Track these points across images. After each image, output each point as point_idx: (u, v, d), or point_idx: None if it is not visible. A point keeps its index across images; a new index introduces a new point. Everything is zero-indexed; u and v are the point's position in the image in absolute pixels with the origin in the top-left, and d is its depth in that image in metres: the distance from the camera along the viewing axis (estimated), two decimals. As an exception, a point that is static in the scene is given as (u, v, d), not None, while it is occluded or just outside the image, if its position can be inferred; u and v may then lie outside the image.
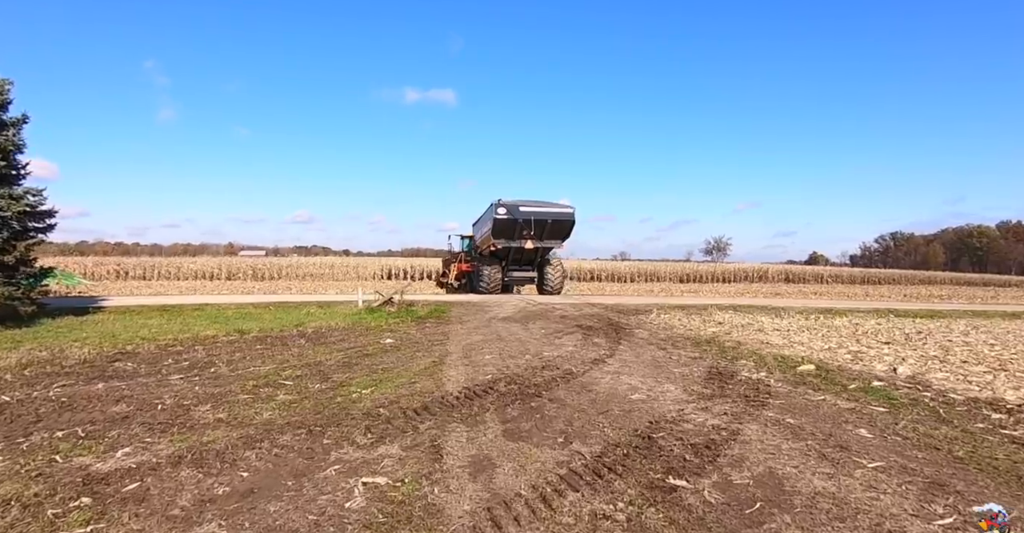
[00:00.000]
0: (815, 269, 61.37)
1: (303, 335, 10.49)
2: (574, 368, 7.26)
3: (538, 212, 18.77)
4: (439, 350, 8.66)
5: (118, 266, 37.89)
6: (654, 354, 8.54)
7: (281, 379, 6.68)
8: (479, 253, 22.10)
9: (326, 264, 44.00)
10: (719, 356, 8.53)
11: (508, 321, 13.08)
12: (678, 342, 9.94)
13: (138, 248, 78.72)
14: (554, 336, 10.50)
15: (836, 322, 14.09)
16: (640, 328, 12.07)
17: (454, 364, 7.52)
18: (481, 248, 21.28)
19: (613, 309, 16.93)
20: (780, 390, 6.35)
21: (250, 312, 14.30)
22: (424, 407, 5.33)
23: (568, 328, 11.85)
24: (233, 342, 9.70)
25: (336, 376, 6.77)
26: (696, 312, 16.22)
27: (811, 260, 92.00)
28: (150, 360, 8.12)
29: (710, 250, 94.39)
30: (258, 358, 8.10)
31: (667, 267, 53.04)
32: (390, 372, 6.97)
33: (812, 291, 34.89)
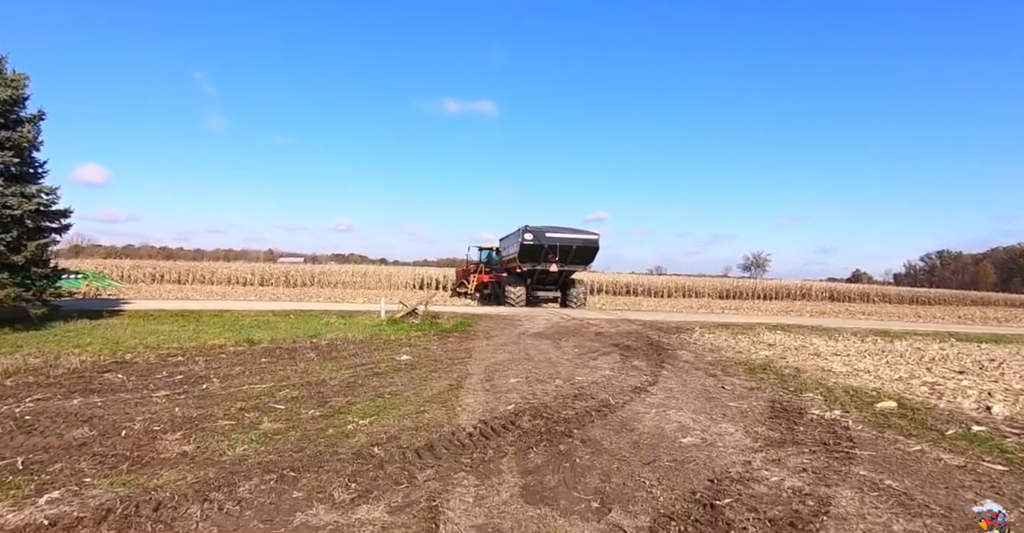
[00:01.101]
0: (860, 287, 58.30)
1: (315, 347, 9.70)
2: (612, 398, 6.20)
3: (563, 238, 19.43)
4: (459, 370, 7.71)
5: (154, 270, 38.31)
6: (703, 382, 7.41)
7: (274, 401, 5.83)
8: (505, 270, 22.49)
9: (358, 272, 43.67)
10: (779, 386, 7.35)
11: (539, 338, 12.07)
12: (729, 367, 8.77)
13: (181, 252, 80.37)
14: (588, 357, 9.45)
15: (896, 346, 12.64)
16: (683, 349, 10.91)
17: (473, 389, 6.56)
18: (507, 266, 21.76)
19: (652, 326, 15.75)
20: (864, 436, 5.18)
21: (268, 320, 13.65)
22: (428, 447, 4.37)
23: (604, 347, 10.78)
24: (239, 354, 8.97)
25: (336, 400, 5.89)
26: (742, 332, 14.92)
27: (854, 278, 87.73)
28: (143, 372, 7.42)
29: (749, 266, 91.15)
30: (258, 373, 7.30)
31: (706, 282, 51.12)
32: (398, 397, 6.04)
33: (859, 310, 32.67)
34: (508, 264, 21.40)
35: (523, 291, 20.27)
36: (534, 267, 19.85)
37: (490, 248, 25.48)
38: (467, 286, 25.79)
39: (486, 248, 25.62)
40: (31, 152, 11.55)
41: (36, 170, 11.85)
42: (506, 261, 21.93)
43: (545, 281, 20.87)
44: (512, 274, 20.90)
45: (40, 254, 11.34)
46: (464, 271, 27.32)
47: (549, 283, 21.07)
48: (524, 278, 20.60)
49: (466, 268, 27.27)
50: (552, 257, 19.57)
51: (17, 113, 11.26)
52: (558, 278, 20.81)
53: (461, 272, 28.50)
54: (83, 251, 65.29)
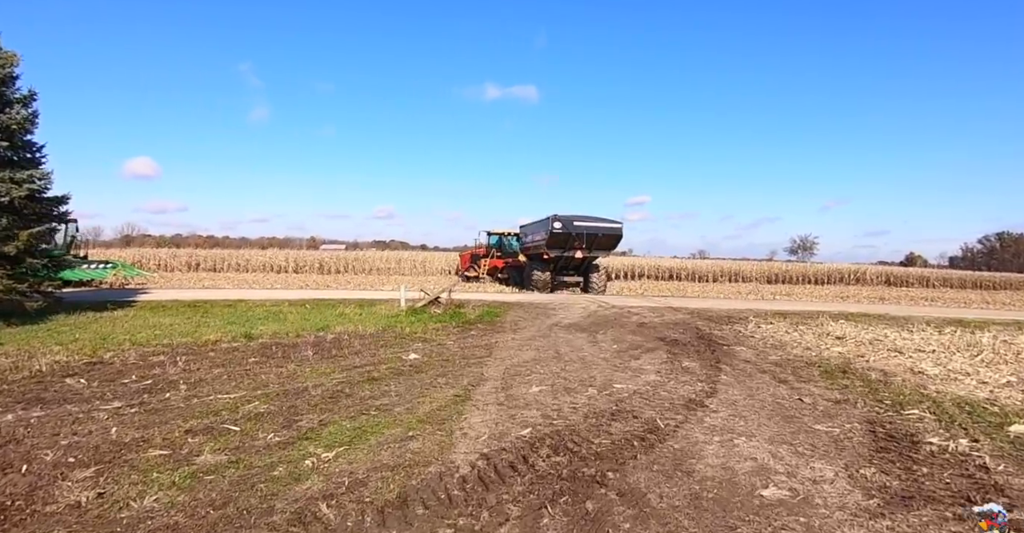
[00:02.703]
0: (919, 271, 54.25)
1: (318, 343, 8.61)
2: (659, 417, 4.83)
3: (590, 227, 20.35)
4: (472, 374, 6.43)
5: (190, 258, 38.37)
6: (774, 392, 5.94)
7: (233, 420, 4.68)
8: (528, 255, 23.62)
9: (393, 258, 42.87)
10: (871, 398, 5.84)
11: (573, 330, 10.72)
12: (800, 370, 7.26)
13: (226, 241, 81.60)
14: (629, 355, 8.06)
15: (980, 339, 10.77)
16: (740, 344, 9.39)
17: (483, 401, 5.28)
18: (531, 252, 22.81)
19: (701, 315, 14.18)
20: (1015, 484, 3.69)
21: (281, 311, 12.70)
22: (400, 501, 3.11)
23: (647, 342, 9.37)
24: (229, 351, 7.95)
25: (308, 418, 4.70)
26: (802, 322, 13.23)
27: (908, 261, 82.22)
28: (112, 375, 6.44)
29: (795, 249, 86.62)
30: (236, 379, 6.21)
31: (752, 267, 48.39)
32: (386, 414, 4.82)
33: (920, 296, 29.82)
34: (534, 250, 22.23)
35: (548, 276, 21.22)
36: (561, 254, 20.70)
37: (501, 233, 26.50)
38: (477, 270, 26.26)
39: (496, 233, 26.55)
40: (24, 135, 10.75)
41: (32, 155, 11.07)
42: (530, 247, 22.84)
43: (568, 267, 21.81)
44: (538, 260, 21.72)
45: (34, 244, 10.56)
46: (473, 255, 27.74)
47: (572, 269, 22.01)
48: (549, 264, 21.40)
49: (475, 252, 27.73)
50: (578, 244, 20.43)
51: (5, 94, 10.43)
52: (580, 264, 21.79)
53: (468, 256, 28.81)
54: (133, 241, 66.85)
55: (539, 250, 21.33)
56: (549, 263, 21.27)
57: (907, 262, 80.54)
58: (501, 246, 26.40)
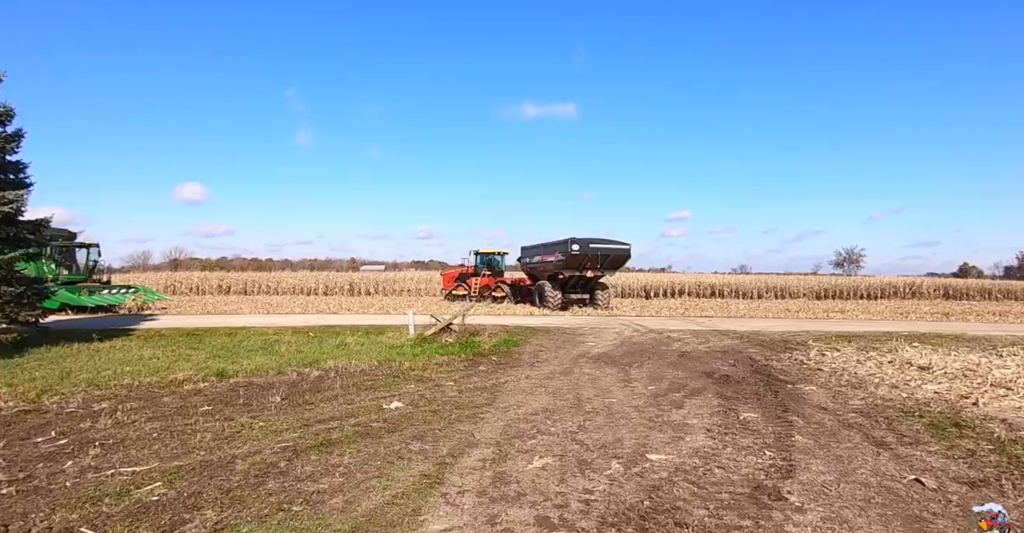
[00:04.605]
0: (980, 283, 49.76)
1: (295, 384, 7.31)
2: (715, 522, 3.25)
3: (604, 248, 21.83)
4: (458, 436, 4.92)
5: (221, 281, 38.17)
6: (876, 465, 4.25)
7: (107, 515, 3.34)
8: (532, 276, 25.71)
9: (423, 279, 41.84)
10: (1017, 475, 4.11)
11: (601, 363, 9.13)
12: (896, 422, 5.52)
13: (270, 263, 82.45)
14: (670, 400, 6.45)
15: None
16: (808, 381, 7.66)
17: (458, 488, 3.76)
18: (541, 271, 24.20)
19: (752, 340, 12.38)
20: None
21: (280, 340, 11.50)
22: None
23: (692, 378, 7.73)
24: (190, 394, 6.75)
25: (202, 518, 3.29)
26: (871, 346, 11.35)
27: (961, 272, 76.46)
28: (27, 431, 5.31)
29: (841, 262, 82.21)
30: (164, 439, 4.91)
31: (798, 281, 45.36)
32: (311, 511, 3.35)
33: (986, 310, 26.76)
34: (548, 270, 23.51)
35: (560, 295, 22.58)
36: (574, 273, 22.22)
37: (492, 253, 27.92)
38: (467, 289, 27.11)
39: (485, 253, 27.81)
40: (5, 155, 9.97)
41: (16, 175, 10.28)
42: (539, 267, 24.39)
43: (578, 285, 23.23)
44: (553, 280, 23.10)
45: (9, 271, 9.65)
46: (461, 274, 28.42)
47: (580, 287, 23.42)
48: (562, 283, 22.83)
49: (463, 272, 28.47)
50: (591, 265, 21.91)
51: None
52: (588, 282, 23.25)
53: (452, 275, 29.41)
54: (181, 264, 68.15)
55: (555, 270, 22.77)
56: (561, 282, 22.81)
57: (961, 273, 75.13)
58: (491, 265, 27.69)
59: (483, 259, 27.71)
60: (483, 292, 26.56)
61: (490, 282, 26.82)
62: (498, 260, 27.92)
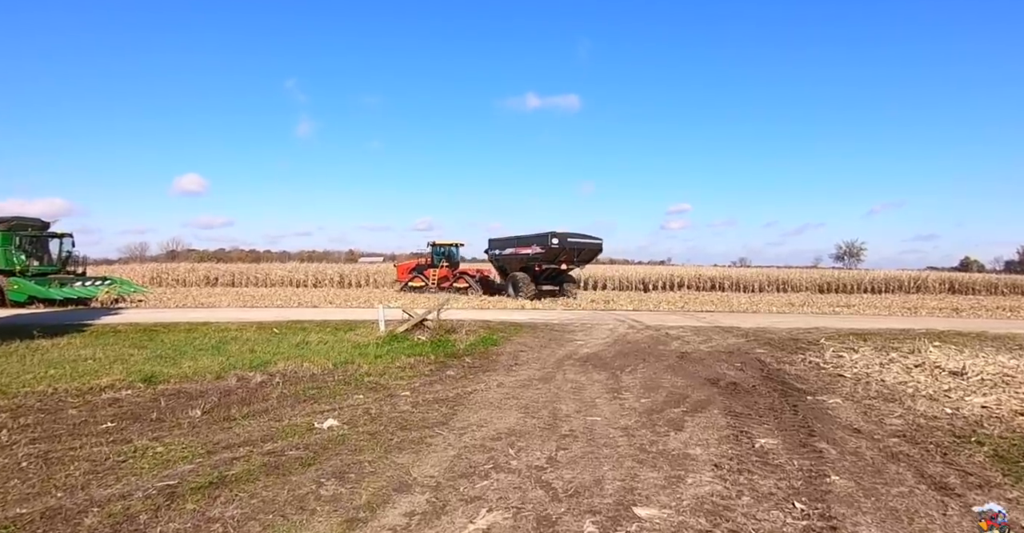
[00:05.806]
0: (983, 277, 48.80)
1: (231, 391, 6.31)
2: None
3: (580, 243, 23.14)
4: (389, 474, 3.82)
5: (208, 273, 37.09)
6: (945, 526, 3.21)
7: None
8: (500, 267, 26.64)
9: (412, 270, 40.88)
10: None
11: (589, 367, 8.09)
12: (951, 450, 4.48)
13: (268, 255, 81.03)
14: (666, 419, 5.39)
15: None
16: (830, 392, 6.63)
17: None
18: (513, 263, 24.94)
19: (759, 338, 11.34)
20: None
21: (238, 337, 10.47)
22: None
23: (694, 387, 6.70)
24: (104, 404, 5.81)
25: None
26: (890, 345, 10.35)
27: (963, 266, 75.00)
28: None
29: (842, 255, 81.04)
30: (25, 472, 3.89)
31: (800, 274, 44.29)
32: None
33: (995, 305, 25.56)
34: (522, 262, 24.25)
35: (534, 285, 23.52)
36: (549, 266, 23.43)
37: (450, 244, 28.12)
38: (424, 280, 27.39)
39: (442, 244, 28.02)
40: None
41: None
42: (512, 259, 24.99)
43: (550, 277, 24.33)
44: (529, 271, 23.94)
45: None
46: (417, 266, 28.74)
47: (552, 279, 24.47)
48: (536, 275, 23.78)
49: (419, 263, 28.93)
50: (566, 258, 23.17)
51: None
52: (559, 274, 24.58)
53: (408, 266, 29.80)
54: (178, 256, 66.89)
55: (530, 262, 23.69)
56: (536, 274, 23.73)
57: (962, 267, 73.81)
58: (449, 256, 28.03)
59: (440, 250, 28.01)
60: (441, 283, 26.87)
61: (448, 274, 27.15)
62: (454, 252, 28.26)
